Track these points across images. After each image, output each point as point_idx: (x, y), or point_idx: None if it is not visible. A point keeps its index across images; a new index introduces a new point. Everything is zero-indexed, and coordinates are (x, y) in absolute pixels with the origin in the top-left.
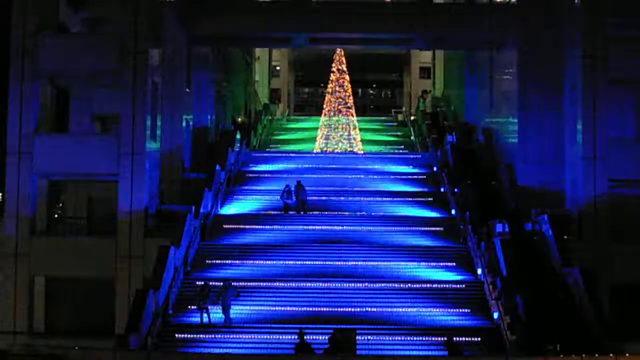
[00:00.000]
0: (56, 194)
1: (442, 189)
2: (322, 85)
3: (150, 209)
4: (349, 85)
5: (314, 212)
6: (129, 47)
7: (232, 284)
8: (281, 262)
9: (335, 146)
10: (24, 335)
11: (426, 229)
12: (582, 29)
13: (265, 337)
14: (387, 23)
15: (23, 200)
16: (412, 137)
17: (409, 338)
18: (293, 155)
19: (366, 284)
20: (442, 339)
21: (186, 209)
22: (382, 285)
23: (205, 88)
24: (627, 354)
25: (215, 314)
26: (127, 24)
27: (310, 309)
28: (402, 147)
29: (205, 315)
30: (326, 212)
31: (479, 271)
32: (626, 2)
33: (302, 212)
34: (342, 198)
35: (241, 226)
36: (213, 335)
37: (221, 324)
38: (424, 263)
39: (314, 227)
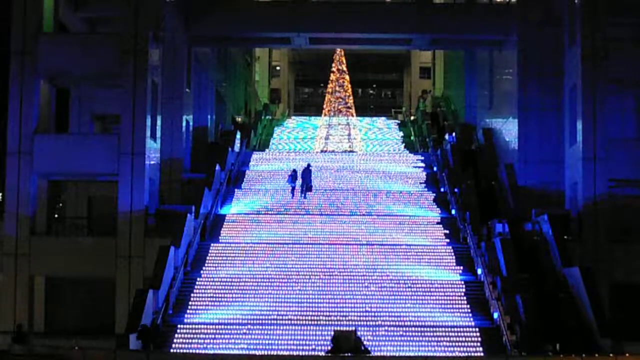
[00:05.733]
0: (56, 194)
1: (442, 189)
2: (322, 85)
3: (150, 209)
4: (349, 85)
5: (314, 212)
6: (129, 47)
7: None
8: (282, 262)
9: (335, 146)
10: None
11: (426, 228)
12: (582, 29)
13: (264, 336)
14: (387, 23)
15: (23, 200)
16: (412, 137)
17: (408, 337)
18: (293, 155)
19: (366, 284)
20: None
21: (186, 209)
22: (382, 284)
23: (205, 88)
24: (627, 354)
25: (216, 313)
26: (127, 24)
27: (311, 308)
28: (402, 146)
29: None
30: (326, 212)
31: (479, 271)
32: (626, 2)
33: (304, 195)
34: (341, 198)
35: (241, 226)
36: (212, 335)
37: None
38: (424, 262)
39: (314, 227)
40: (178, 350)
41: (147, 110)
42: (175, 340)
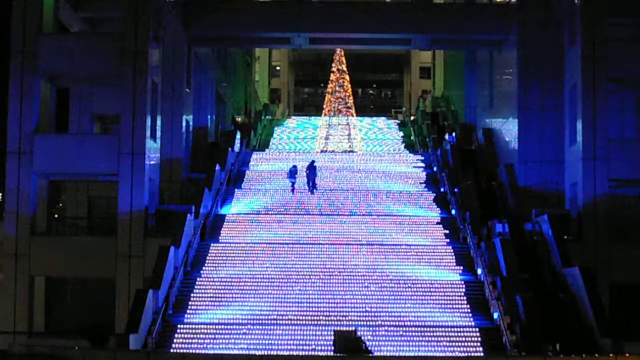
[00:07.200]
0: (56, 194)
1: (442, 189)
2: (322, 85)
3: (150, 209)
4: (349, 85)
5: (314, 212)
6: (129, 47)
7: None
8: (282, 262)
9: (335, 146)
10: (24, 335)
11: (426, 228)
12: (582, 29)
13: (264, 336)
14: (387, 23)
15: (23, 200)
16: (412, 137)
17: (408, 337)
18: (293, 155)
19: (366, 284)
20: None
21: (186, 209)
22: (382, 284)
23: (205, 88)
24: (627, 354)
25: (221, 312)
26: (127, 24)
27: (311, 308)
28: (402, 146)
29: None
30: (326, 212)
31: (479, 271)
32: (626, 2)
33: (311, 191)
34: (341, 198)
35: (241, 226)
36: (212, 335)
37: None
38: (424, 262)
39: (314, 227)
40: (178, 350)
41: (147, 110)
42: (175, 340)
